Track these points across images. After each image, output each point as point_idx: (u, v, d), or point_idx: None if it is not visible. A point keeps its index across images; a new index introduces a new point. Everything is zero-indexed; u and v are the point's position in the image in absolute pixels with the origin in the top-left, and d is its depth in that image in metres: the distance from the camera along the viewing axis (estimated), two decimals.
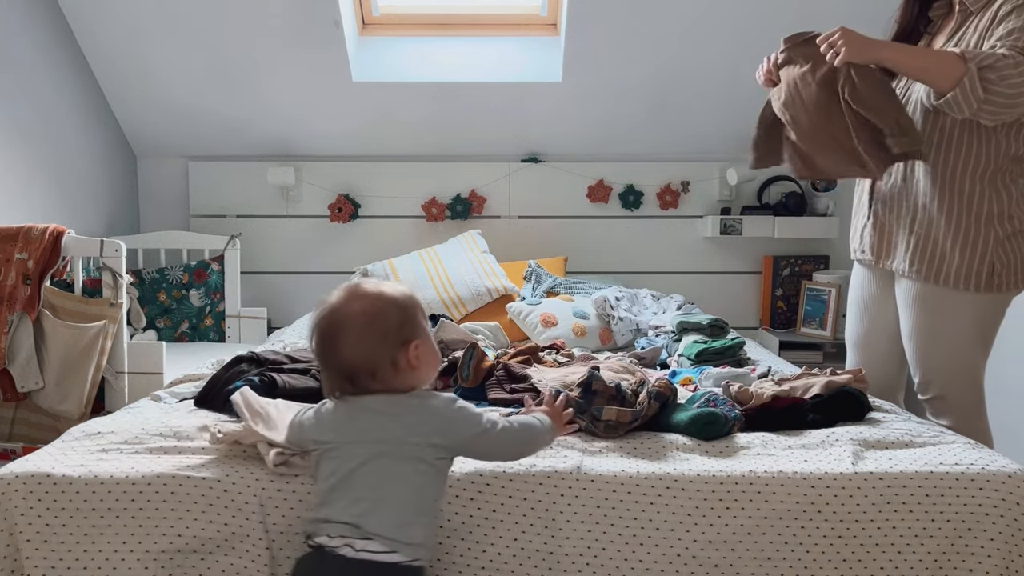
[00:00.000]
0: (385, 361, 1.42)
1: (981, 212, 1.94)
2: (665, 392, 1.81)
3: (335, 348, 1.42)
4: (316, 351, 1.46)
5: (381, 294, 1.45)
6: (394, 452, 1.40)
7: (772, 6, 3.17)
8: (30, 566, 1.51)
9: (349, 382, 1.43)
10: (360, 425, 1.42)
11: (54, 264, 2.40)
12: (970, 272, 1.95)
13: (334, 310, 1.44)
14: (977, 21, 1.94)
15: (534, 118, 3.59)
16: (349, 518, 1.36)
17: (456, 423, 1.45)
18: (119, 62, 3.37)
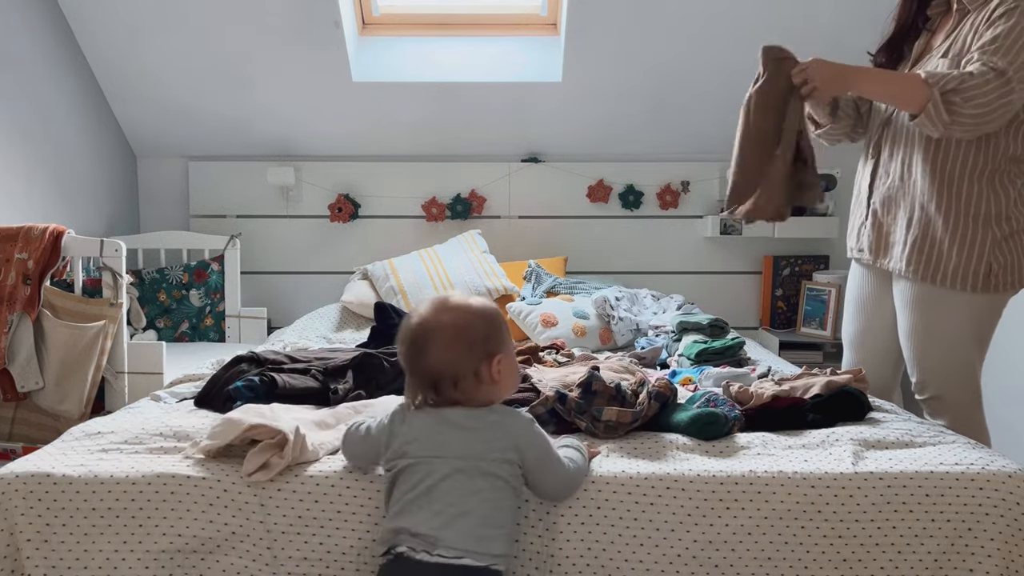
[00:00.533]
0: (468, 371, 1.46)
1: (979, 212, 1.94)
2: (665, 392, 1.81)
3: (422, 356, 1.46)
4: (404, 358, 1.50)
5: (469, 307, 1.50)
6: (473, 467, 1.42)
7: (772, 6, 3.17)
8: (30, 566, 1.51)
9: (432, 390, 1.47)
10: (441, 439, 1.44)
11: (54, 264, 2.40)
12: (967, 272, 1.95)
13: (424, 319, 1.48)
14: (974, 18, 1.94)
15: (534, 118, 3.59)
16: (429, 530, 1.38)
17: (532, 443, 1.48)
18: (119, 62, 3.37)
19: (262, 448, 1.57)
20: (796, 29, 3.20)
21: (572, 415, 1.77)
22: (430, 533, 1.38)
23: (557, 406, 1.79)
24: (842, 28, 3.22)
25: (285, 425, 1.60)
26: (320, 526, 1.55)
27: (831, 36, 3.23)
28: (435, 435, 1.45)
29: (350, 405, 1.92)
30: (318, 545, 1.54)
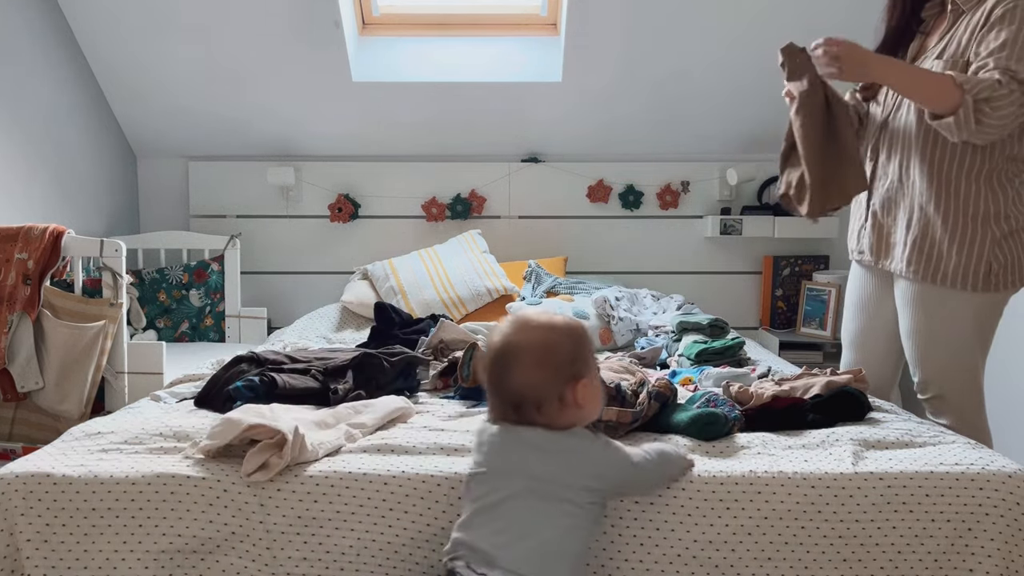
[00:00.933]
0: (553, 396, 1.42)
1: (978, 212, 1.94)
2: (665, 392, 1.81)
3: (506, 376, 1.43)
4: (488, 376, 1.47)
5: (556, 325, 1.47)
6: (545, 490, 1.39)
7: (772, 5, 3.17)
8: (30, 566, 1.51)
9: (514, 411, 1.44)
10: (516, 457, 1.42)
11: (54, 264, 2.40)
12: (967, 272, 1.95)
13: (508, 338, 1.45)
14: (969, 19, 1.94)
15: (534, 118, 3.59)
16: (488, 547, 1.36)
17: (612, 467, 1.45)
18: (119, 62, 3.37)
19: (261, 448, 1.57)
20: (796, 29, 3.19)
21: None
22: (489, 551, 1.36)
23: None
24: (842, 29, 3.21)
25: (284, 425, 1.60)
26: (320, 526, 1.55)
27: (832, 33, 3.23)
28: (510, 452, 1.43)
29: (350, 405, 1.92)
30: (318, 545, 1.54)
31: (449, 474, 1.57)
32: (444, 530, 1.54)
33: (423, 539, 1.54)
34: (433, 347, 2.47)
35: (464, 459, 1.63)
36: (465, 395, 2.13)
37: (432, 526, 1.54)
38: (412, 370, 2.22)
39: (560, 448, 1.42)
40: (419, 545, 1.54)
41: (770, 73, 3.33)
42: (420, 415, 1.96)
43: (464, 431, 1.78)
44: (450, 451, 1.67)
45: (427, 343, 2.50)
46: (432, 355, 2.41)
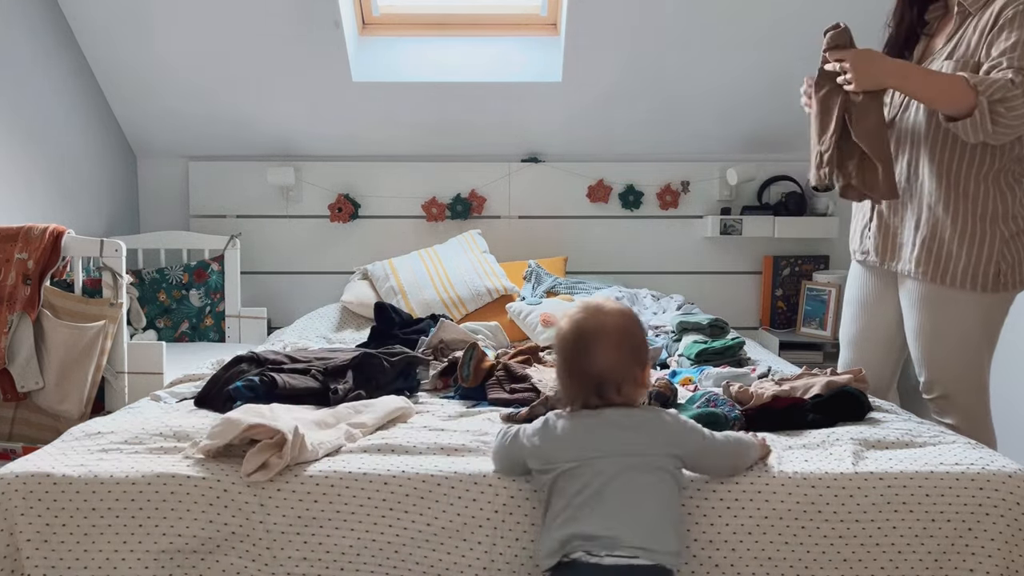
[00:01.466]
0: (630, 375, 1.49)
1: (986, 212, 1.94)
2: (665, 392, 1.81)
3: (589, 358, 1.48)
4: (567, 360, 1.51)
5: (625, 312, 1.55)
6: (640, 465, 1.44)
7: (772, 6, 3.17)
8: (30, 566, 1.52)
9: (595, 393, 1.48)
10: (603, 440, 1.45)
11: (54, 264, 2.39)
12: (976, 272, 1.95)
13: (584, 322, 1.50)
14: (976, 21, 1.94)
15: (534, 118, 3.59)
16: (605, 531, 1.38)
17: (687, 434, 1.50)
18: (119, 62, 3.37)
19: (261, 448, 1.57)
20: (797, 29, 3.20)
21: None
22: (606, 534, 1.38)
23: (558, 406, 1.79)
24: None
25: (284, 425, 1.60)
26: (320, 526, 1.55)
27: None
28: (596, 436, 1.46)
29: (350, 405, 1.92)
30: (318, 545, 1.54)
31: (449, 474, 1.57)
32: (444, 530, 1.54)
33: (423, 539, 1.54)
34: (433, 347, 2.47)
35: (464, 459, 1.63)
36: (465, 395, 2.13)
37: (432, 526, 1.54)
38: (412, 370, 2.22)
39: (642, 422, 1.48)
40: (419, 545, 1.54)
41: (770, 73, 3.35)
42: (420, 415, 1.96)
43: (464, 431, 1.78)
44: (450, 451, 1.67)
45: (427, 343, 2.50)
46: (432, 355, 2.41)
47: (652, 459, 1.45)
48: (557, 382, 1.57)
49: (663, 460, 1.46)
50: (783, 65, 3.29)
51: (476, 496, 1.55)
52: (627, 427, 1.47)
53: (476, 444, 1.70)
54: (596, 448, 1.45)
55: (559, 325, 1.55)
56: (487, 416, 1.92)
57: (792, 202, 3.60)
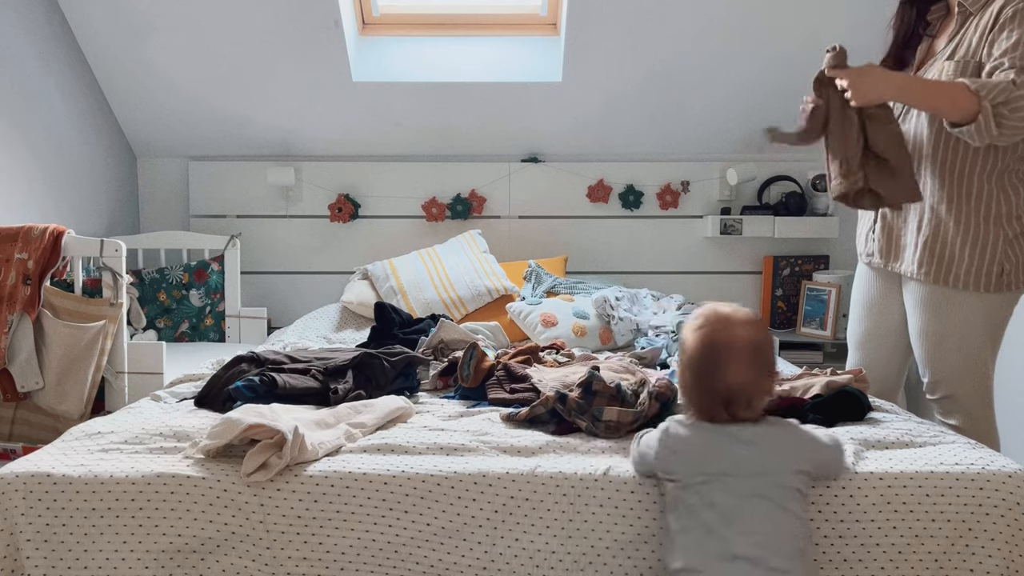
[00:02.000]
0: (761, 390, 1.46)
1: (990, 213, 1.94)
2: (666, 393, 1.81)
3: (721, 374, 1.44)
4: (697, 374, 1.47)
5: (754, 321, 1.50)
6: (775, 482, 1.41)
7: (772, 6, 3.17)
8: (30, 566, 1.52)
9: (724, 407, 1.45)
10: (732, 458, 1.42)
11: (54, 264, 2.39)
12: (980, 273, 1.95)
13: (717, 335, 1.46)
14: (977, 21, 1.94)
15: (534, 118, 3.59)
16: (749, 552, 1.36)
17: (813, 447, 1.49)
18: (119, 62, 3.37)
19: (261, 448, 1.57)
20: (797, 29, 3.20)
21: (572, 415, 1.77)
22: (748, 555, 1.36)
23: (557, 406, 1.79)
24: (843, 29, 3.22)
25: (284, 425, 1.60)
26: (320, 526, 1.55)
27: (832, 37, 3.23)
28: (726, 454, 1.43)
29: (350, 405, 1.92)
30: (318, 545, 1.55)
31: (449, 474, 1.57)
32: (444, 530, 1.54)
33: (423, 539, 1.54)
34: (433, 347, 2.47)
35: (464, 459, 1.63)
36: (465, 395, 2.13)
37: (432, 526, 1.54)
38: (412, 370, 2.22)
39: (772, 439, 1.45)
40: (419, 545, 1.54)
41: (771, 73, 3.35)
42: (420, 415, 1.96)
43: (464, 431, 1.78)
44: (450, 451, 1.67)
45: (427, 343, 2.50)
46: (432, 355, 2.41)
47: (783, 478, 1.42)
48: (680, 391, 1.54)
49: (792, 478, 1.43)
50: (783, 65, 3.29)
51: (476, 496, 1.55)
52: (755, 444, 1.43)
53: (476, 444, 1.70)
54: (726, 466, 1.42)
55: (684, 335, 1.51)
56: (487, 416, 1.92)
57: (792, 202, 3.59)
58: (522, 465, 1.60)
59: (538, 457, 1.65)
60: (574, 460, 1.63)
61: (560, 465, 1.60)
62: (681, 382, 1.52)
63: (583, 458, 1.65)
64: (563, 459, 1.64)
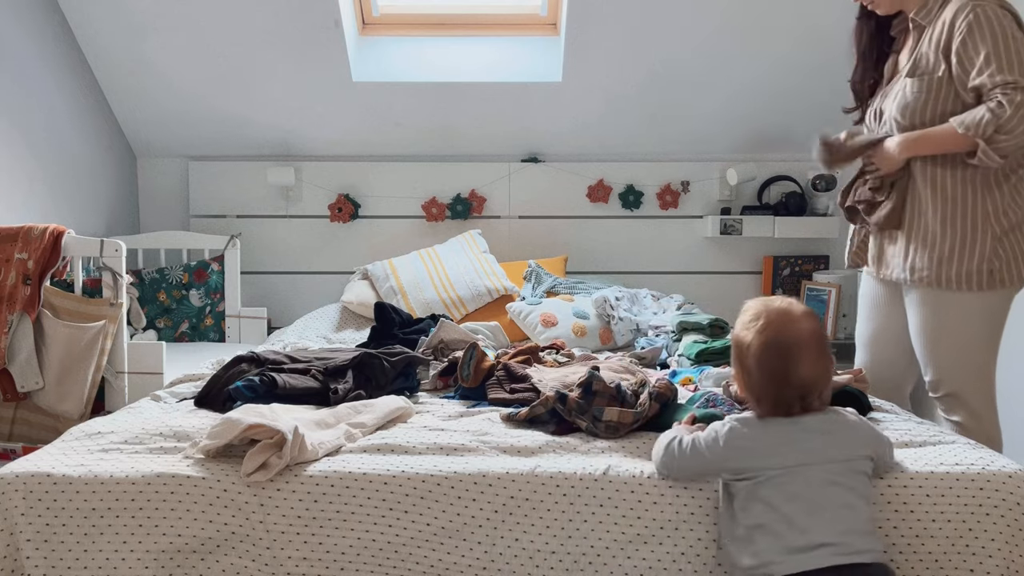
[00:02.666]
0: (828, 380, 1.50)
1: (976, 213, 1.96)
2: (666, 393, 1.81)
3: (796, 369, 1.46)
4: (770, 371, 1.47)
5: (811, 312, 1.53)
6: (849, 468, 1.44)
7: (772, 6, 3.17)
8: (30, 566, 1.51)
9: (799, 401, 1.47)
10: (808, 448, 1.44)
11: (54, 264, 2.39)
12: (971, 273, 1.96)
13: (785, 330, 1.48)
14: (931, 33, 1.98)
15: (534, 118, 3.59)
16: (834, 538, 1.38)
17: (873, 434, 1.53)
18: (119, 62, 3.37)
19: (261, 448, 1.57)
20: (796, 29, 3.20)
21: (572, 415, 1.77)
22: (833, 541, 1.37)
23: (558, 406, 1.79)
24: (843, 28, 3.21)
25: (284, 425, 1.60)
26: (320, 526, 1.55)
27: (832, 36, 3.23)
28: (801, 445, 1.45)
29: (350, 405, 1.92)
30: (318, 545, 1.55)
31: (449, 474, 1.57)
32: (444, 530, 1.54)
33: (423, 539, 1.54)
34: (433, 347, 2.47)
35: (464, 459, 1.63)
36: (465, 395, 2.13)
37: (432, 526, 1.54)
38: (412, 370, 2.22)
39: (840, 427, 1.48)
40: (419, 545, 1.54)
41: (770, 73, 3.35)
42: (420, 415, 1.96)
43: (464, 431, 1.78)
44: (450, 451, 1.67)
45: (427, 343, 2.50)
46: (432, 355, 2.41)
47: (855, 463, 1.46)
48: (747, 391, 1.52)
49: (863, 464, 1.47)
50: (783, 65, 3.30)
51: (476, 496, 1.55)
52: (828, 432, 1.46)
53: (476, 444, 1.70)
54: (802, 456, 1.44)
55: (742, 337, 1.51)
56: (487, 416, 1.92)
57: (792, 202, 3.59)
58: (522, 465, 1.60)
59: (538, 457, 1.65)
60: (574, 460, 1.63)
61: (560, 465, 1.60)
62: (746, 383, 1.52)
63: (583, 458, 1.65)
64: (563, 459, 1.64)
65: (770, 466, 1.44)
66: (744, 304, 1.57)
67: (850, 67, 2.23)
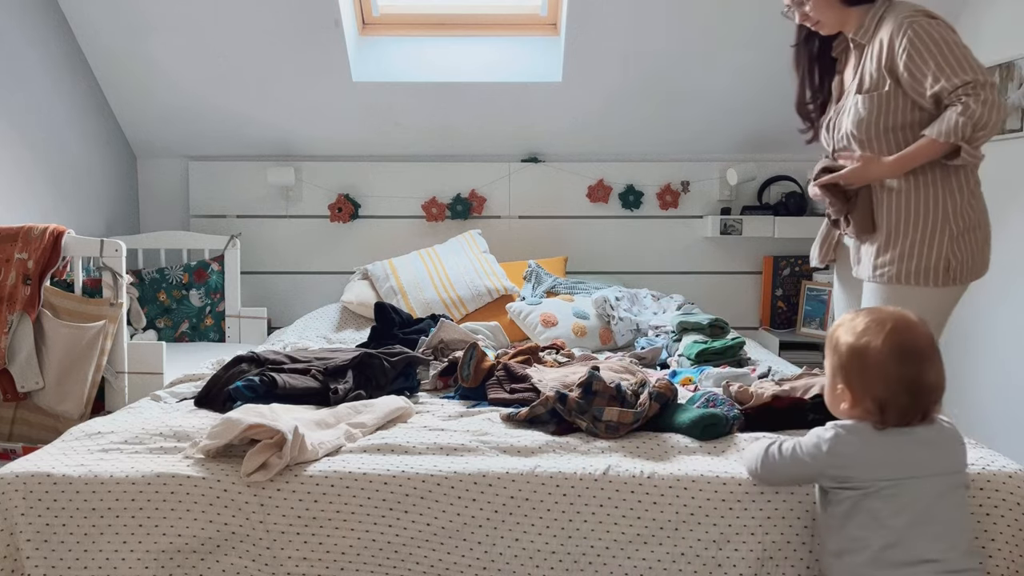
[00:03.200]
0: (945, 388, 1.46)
1: (938, 214, 2.00)
2: (666, 393, 1.81)
3: (926, 374, 1.43)
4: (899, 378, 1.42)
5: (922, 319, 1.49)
6: (953, 482, 1.42)
7: (772, 6, 3.16)
8: (30, 566, 1.52)
9: (924, 409, 1.44)
10: (918, 459, 1.42)
11: (54, 264, 2.40)
12: (928, 269, 2.01)
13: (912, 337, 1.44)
14: (870, 51, 2.03)
15: (534, 118, 3.59)
16: (937, 555, 1.36)
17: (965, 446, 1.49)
18: (119, 62, 3.37)
19: (261, 448, 1.57)
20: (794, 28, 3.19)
21: (572, 415, 1.77)
22: (938, 557, 1.36)
23: (558, 406, 1.79)
24: None
25: (284, 425, 1.60)
26: (320, 526, 1.55)
27: None
28: (911, 456, 1.42)
29: (350, 405, 1.92)
30: (318, 545, 1.55)
31: (449, 474, 1.57)
32: (444, 530, 1.54)
33: (423, 539, 1.54)
34: (433, 347, 2.47)
35: (464, 459, 1.63)
36: (465, 395, 2.13)
37: (432, 526, 1.54)
38: (412, 370, 2.22)
39: (945, 438, 1.45)
40: (419, 545, 1.54)
41: (770, 73, 3.35)
42: (420, 415, 1.96)
43: (464, 431, 1.78)
44: (450, 451, 1.67)
45: (427, 343, 2.50)
46: (432, 355, 2.41)
47: (957, 476, 1.44)
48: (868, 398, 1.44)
49: (962, 477, 1.45)
50: (783, 65, 3.29)
51: (476, 496, 1.55)
52: (936, 444, 1.43)
53: (476, 444, 1.70)
54: (912, 468, 1.41)
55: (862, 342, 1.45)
56: (487, 416, 1.92)
57: (792, 202, 3.60)
58: (522, 465, 1.60)
59: (538, 457, 1.65)
60: (574, 460, 1.63)
61: (560, 465, 1.60)
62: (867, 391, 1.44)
63: (583, 458, 1.65)
64: (563, 459, 1.64)
65: (880, 477, 1.41)
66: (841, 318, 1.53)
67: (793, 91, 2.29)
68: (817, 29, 2.15)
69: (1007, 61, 2.81)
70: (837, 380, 1.48)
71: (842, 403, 1.47)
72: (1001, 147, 2.82)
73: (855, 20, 2.09)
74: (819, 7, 2.09)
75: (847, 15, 2.09)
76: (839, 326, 1.51)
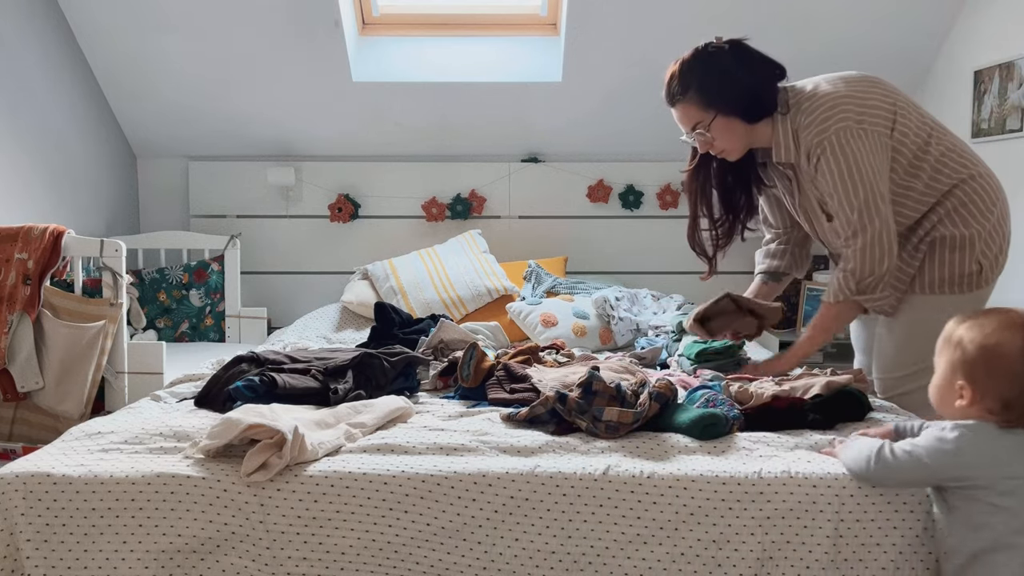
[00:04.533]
0: None
1: (936, 239, 2.01)
2: (666, 393, 1.81)
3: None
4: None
5: None
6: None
7: (772, 6, 3.17)
8: (30, 566, 1.51)
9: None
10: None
11: (54, 264, 2.40)
12: (963, 276, 2.00)
13: None
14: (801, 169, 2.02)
15: (534, 118, 3.59)
16: None
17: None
18: (119, 62, 3.37)
19: (261, 448, 1.57)
20: (796, 28, 3.20)
21: (572, 415, 1.77)
22: None
23: (557, 406, 1.79)
24: (841, 27, 3.22)
25: (284, 425, 1.60)
26: (320, 526, 1.55)
27: (831, 35, 3.23)
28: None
29: (350, 405, 1.92)
30: (318, 545, 1.54)
31: (449, 474, 1.57)
32: (444, 530, 1.54)
33: (423, 539, 1.54)
34: (433, 347, 2.47)
35: (464, 459, 1.63)
36: (465, 395, 2.12)
37: (432, 526, 1.54)
38: (412, 370, 2.22)
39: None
40: (419, 545, 1.54)
41: None
42: (420, 415, 1.96)
43: (464, 431, 1.78)
44: (450, 451, 1.67)
45: (427, 343, 2.50)
46: (432, 355, 2.41)
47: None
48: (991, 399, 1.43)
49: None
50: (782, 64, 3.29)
51: (476, 496, 1.55)
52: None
53: (476, 444, 1.70)
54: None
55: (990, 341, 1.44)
56: (487, 416, 1.91)
57: None
58: (522, 465, 1.60)
59: (538, 457, 1.65)
60: (574, 460, 1.63)
61: (560, 465, 1.60)
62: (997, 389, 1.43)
63: (583, 458, 1.65)
64: (563, 459, 1.64)
65: (1011, 475, 1.41)
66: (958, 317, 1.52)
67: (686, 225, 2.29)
68: (724, 157, 2.07)
69: (1007, 61, 2.81)
70: (957, 377, 1.46)
71: (957, 401, 1.46)
72: (1001, 147, 2.82)
73: (763, 136, 2.01)
74: (724, 135, 2.00)
75: (753, 133, 2.00)
76: (960, 324, 1.49)
